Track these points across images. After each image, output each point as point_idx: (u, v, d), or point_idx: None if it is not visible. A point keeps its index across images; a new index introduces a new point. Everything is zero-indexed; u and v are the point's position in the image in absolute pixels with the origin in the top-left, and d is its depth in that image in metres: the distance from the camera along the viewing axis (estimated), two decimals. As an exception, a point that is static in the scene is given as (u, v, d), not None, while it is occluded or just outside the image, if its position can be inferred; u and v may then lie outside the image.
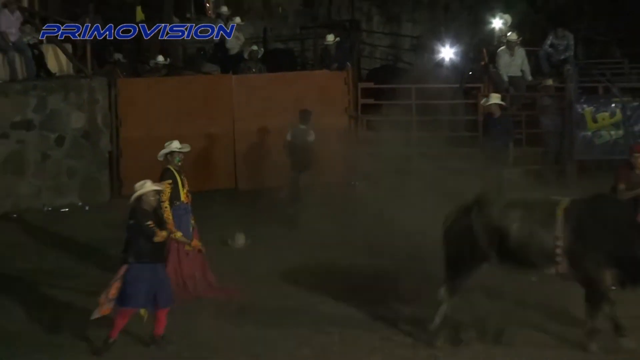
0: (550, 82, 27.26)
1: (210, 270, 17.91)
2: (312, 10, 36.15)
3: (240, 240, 21.05)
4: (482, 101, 24.09)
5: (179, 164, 17.75)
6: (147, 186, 15.41)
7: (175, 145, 17.60)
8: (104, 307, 15.41)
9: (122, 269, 15.30)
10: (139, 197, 15.36)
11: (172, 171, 17.55)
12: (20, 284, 18.75)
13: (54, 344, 15.88)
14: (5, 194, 24.51)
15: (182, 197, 17.27)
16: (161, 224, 15.81)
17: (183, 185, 17.51)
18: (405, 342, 15.83)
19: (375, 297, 17.63)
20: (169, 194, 17.29)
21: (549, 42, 28.74)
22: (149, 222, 15.11)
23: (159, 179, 17.08)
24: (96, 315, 15.38)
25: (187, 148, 17.83)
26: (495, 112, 23.16)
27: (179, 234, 16.66)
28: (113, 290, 15.34)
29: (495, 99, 23.12)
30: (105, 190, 25.49)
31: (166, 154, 17.63)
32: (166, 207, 17.14)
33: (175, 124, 23.65)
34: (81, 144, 25.24)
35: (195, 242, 17.05)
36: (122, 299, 15.30)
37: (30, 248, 21.58)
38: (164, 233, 15.27)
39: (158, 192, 15.74)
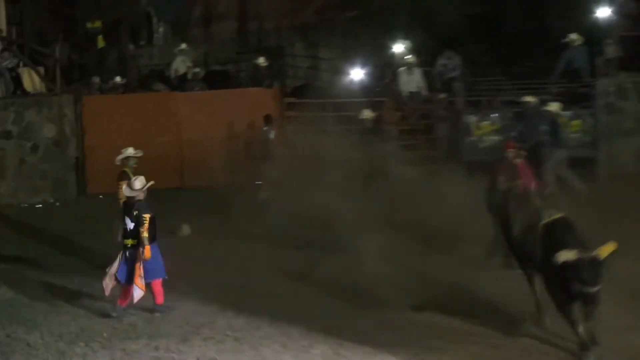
0: (442, 96, 27.48)
1: None
2: (245, 37, 36.13)
3: (185, 229, 21.09)
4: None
5: (134, 166, 17.85)
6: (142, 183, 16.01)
7: (130, 151, 17.84)
8: (110, 286, 15.75)
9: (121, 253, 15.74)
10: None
11: (127, 173, 17.58)
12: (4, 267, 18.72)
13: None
14: (-11, 194, 24.39)
15: None
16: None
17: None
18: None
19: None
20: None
21: (440, 63, 28.94)
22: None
23: (117, 179, 17.40)
24: (107, 292, 15.75)
25: (140, 153, 18.03)
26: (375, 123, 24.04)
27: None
28: (138, 272, 15.55)
29: (366, 114, 24.11)
30: (73, 189, 25.75)
31: (123, 159, 17.82)
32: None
33: (131, 134, 23.63)
34: (52, 150, 25.47)
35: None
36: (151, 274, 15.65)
37: (10, 238, 21.42)
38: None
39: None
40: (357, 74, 30.71)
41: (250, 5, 36.55)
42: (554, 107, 24.19)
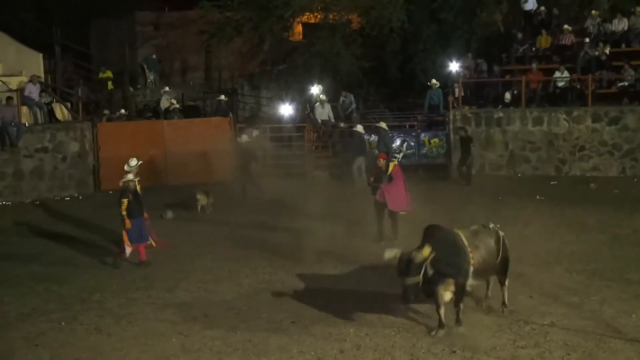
0: (342, 124, 27.45)
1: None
2: (209, 82, 36.00)
3: (169, 214, 20.98)
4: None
5: (136, 171, 17.45)
6: (130, 177, 16.21)
7: (133, 162, 17.28)
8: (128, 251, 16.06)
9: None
10: (128, 183, 16.10)
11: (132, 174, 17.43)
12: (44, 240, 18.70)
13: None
14: (32, 190, 24.20)
15: (138, 189, 17.19)
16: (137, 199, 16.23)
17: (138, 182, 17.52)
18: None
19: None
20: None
21: (340, 100, 29.05)
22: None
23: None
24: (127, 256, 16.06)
25: (139, 162, 17.47)
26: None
27: None
28: (125, 237, 15.95)
29: (245, 137, 23.90)
30: (91, 187, 25.38)
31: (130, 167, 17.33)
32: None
33: (131, 149, 23.36)
34: (76, 160, 25.19)
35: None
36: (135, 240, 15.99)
37: (49, 220, 21.37)
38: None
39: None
40: (286, 108, 30.80)
41: (213, 60, 36.39)
42: (382, 124, 25.01)
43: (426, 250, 10.78)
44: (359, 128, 25.05)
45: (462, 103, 26.51)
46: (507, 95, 26.36)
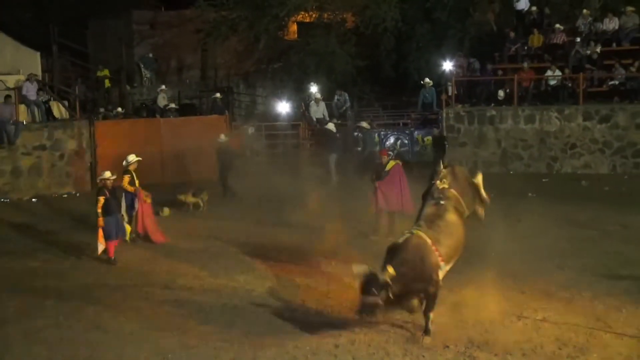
0: (336, 121, 27.45)
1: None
2: (206, 81, 36.04)
3: (166, 211, 20.95)
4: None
5: (135, 166, 17.77)
6: (107, 175, 16.30)
7: (132, 157, 17.63)
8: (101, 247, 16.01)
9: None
10: (105, 181, 16.22)
11: (130, 171, 17.64)
12: (43, 235, 18.63)
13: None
14: (30, 187, 24.20)
15: (136, 185, 17.25)
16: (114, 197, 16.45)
17: (134, 180, 17.53)
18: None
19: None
20: (128, 183, 17.58)
21: (335, 99, 29.07)
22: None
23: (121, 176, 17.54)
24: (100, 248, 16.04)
25: (138, 158, 17.87)
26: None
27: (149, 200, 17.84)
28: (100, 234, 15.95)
29: (223, 136, 23.40)
30: (88, 184, 25.23)
31: (128, 163, 17.72)
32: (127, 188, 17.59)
33: (128, 146, 23.25)
34: (74, 158, 25.20)
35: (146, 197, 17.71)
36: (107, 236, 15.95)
37: (50, 215, 21.49)
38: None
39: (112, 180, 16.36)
40: (283, 106, 30.85)
41: (209, 59, 36.43)
42: (364, 124, 25.92)
43: (388, 274, 10.46)
44: (331, 126, 25.64)
45: (456, 101, 26.54)
46: (501, 93, 26.39)
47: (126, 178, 17.58)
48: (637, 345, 10.74)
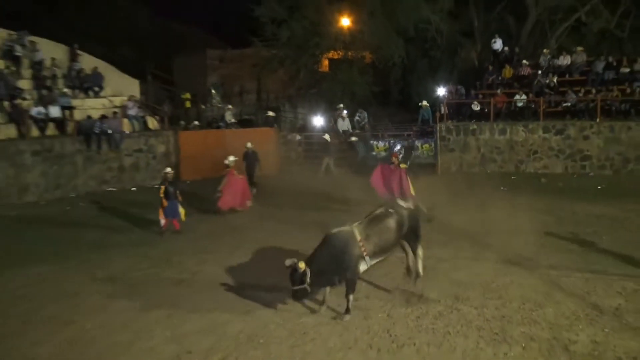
0: (358, 132, 27.45)
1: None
2: (260, 102, 36.17)
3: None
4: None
5: (233, 164, 18.56)
6: (167, 170, 16.74)
7: (232, 157, 18.51)
8: (163, 222, 16.12)
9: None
10: (166, 175, 16.40)
11: (228, 165, 18.51)
12: (140, 214, 18.58)
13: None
14: (131, 180, 24.29)
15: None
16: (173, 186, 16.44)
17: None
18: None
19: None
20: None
21: (356, 115, 29.00)
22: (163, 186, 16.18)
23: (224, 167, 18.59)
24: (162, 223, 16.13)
25: (236, 158, 18.77)
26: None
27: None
28: (161, 211, 16.13)
29: (249, 144, 22.00)
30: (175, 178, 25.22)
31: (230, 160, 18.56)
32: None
33: (203, 150, 23.60)
34: (163, 159, 25.18)
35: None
36: (169, 215, 16.12)
37: (145, 200, 20.74)
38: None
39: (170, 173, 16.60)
40: (317, 120, 30.85)
41: (263, 85, 36.62)
42: (326, 136, 25.90)
43: (301, 265, 9.77)
44: (327, 136, 25.80)
45: (446, 118, 26.39)
46: (475, 106, 26.30)
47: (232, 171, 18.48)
48: (581, 303, 10.67)
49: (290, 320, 10.23)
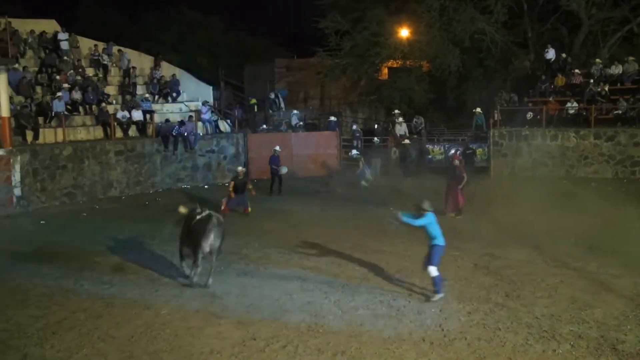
0: (415, 136, 27.18)
1: None
2: (323, 107, 36.25)
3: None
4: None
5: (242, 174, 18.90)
6: (239, 169, 18.57)
7: (278, 147, 20.33)
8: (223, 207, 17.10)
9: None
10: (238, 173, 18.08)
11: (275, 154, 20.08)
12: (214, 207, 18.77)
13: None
14: (204, 178, 24.65)
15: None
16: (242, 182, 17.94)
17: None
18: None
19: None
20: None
21: (413, 121, 28.61)
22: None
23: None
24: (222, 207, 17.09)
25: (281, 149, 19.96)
26: None
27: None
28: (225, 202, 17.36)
29: (277, 148, 22.14)
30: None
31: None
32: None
33: (269, 150, 23.41)
34: (233, 159, 25.41)
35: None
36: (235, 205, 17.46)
37: (215, 196, 20.28)
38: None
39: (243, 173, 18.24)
40: (377, 125, 30.64)
41: (326, 92, 36.66)
42: (407, 141, 26.06)
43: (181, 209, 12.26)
44: (375, 140, 26.62)
45: (500, 124, 25.90)
46: (529, 116, 25.70)
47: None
48: (630, 304, 10.33)
49: (348, 312, 10.23)
